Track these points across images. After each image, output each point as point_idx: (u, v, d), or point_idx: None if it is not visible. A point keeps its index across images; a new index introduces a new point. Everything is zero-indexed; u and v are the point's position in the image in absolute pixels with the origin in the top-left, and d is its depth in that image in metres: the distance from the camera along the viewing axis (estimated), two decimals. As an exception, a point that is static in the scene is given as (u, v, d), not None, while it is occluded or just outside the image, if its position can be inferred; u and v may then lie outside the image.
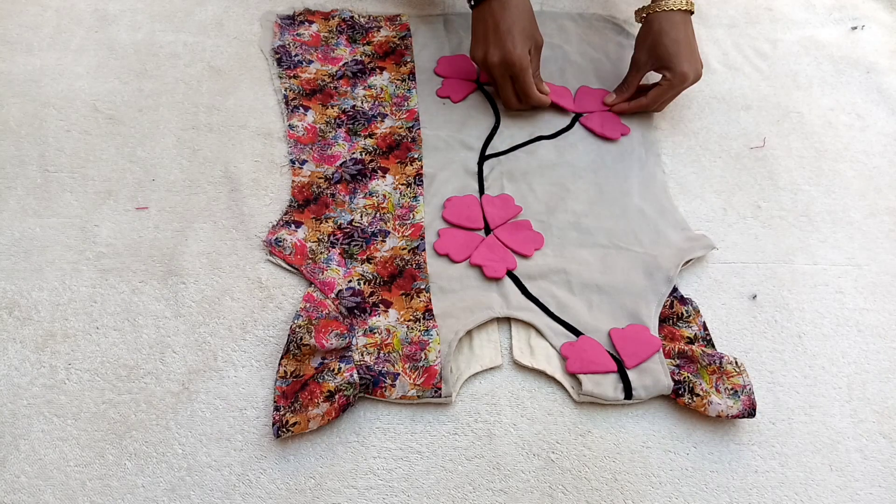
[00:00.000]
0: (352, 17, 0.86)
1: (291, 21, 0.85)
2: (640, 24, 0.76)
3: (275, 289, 0.63)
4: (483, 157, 0.74)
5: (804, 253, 0.69)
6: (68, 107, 0.75)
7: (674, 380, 0.57)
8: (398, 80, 0.80)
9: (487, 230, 0.67)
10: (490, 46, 0.71)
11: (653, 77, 0.78)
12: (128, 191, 0.69)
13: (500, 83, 0.73)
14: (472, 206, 0.69)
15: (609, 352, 0.59)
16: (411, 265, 0.64)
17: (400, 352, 0.58)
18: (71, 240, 0.65)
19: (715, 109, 0.81)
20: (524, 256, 0.65)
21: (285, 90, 0.77)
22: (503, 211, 0.69)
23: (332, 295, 0.61)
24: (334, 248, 0.65)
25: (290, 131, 0.74)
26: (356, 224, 0.67)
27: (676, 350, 0.59)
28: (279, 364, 0.56)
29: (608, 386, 0.57)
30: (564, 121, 0.78)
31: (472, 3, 0.74)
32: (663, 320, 0.62)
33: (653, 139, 0.77)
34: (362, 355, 0.58)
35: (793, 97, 0.83)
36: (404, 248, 0.65)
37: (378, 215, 0.67)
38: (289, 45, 0.82)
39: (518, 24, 0.71)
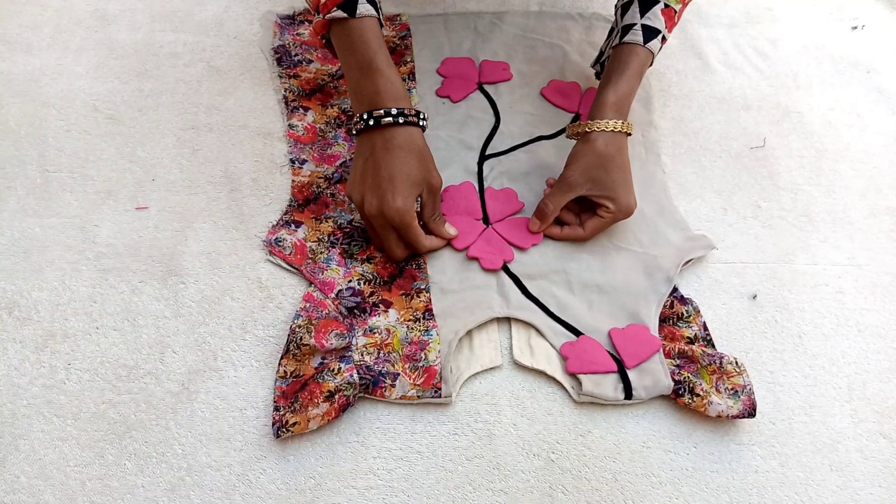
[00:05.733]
0: (352, 17, 0.86)
1: (291, 21, 0.85)
2: (575, 141, 0.66)
3: (275, 289, 0.63)
4: (483, 157, 0.74)
5: (804, 253, 0.69)
6: (68, 107, 0.75)
7: (674, 380, 0.57)
8: (398, 79, 0.80)
9: (486, 221, 0.67)
10: (367, 192, 0.60)
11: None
12: (128, 191, 0.69)
13: (381, 234, 0.61)
14: (469, 196, 0.69)
15: (609, 352, 0.59)
16: (411, 265, 0.64)
17: (400, 352, 0.58)
18: (71, 240, 0.65)
19: (715, 109, 0.81)
20: (521, 249, 0.65)
21: (285, 90, 0.77)
22: (505, 206, 0.69)
23: (332, 295, 0.61)
24: (334, 247, 0.65)
25: (290, 131, 0.74)
26: (356, 224, 0.67)
27: (677, 350, 0.59)
28: (279, 364, 0.56)
29: (608, 386, 0.57)
30: (565, 120, 0.78)
31: (354, 130, 0.62)
32: (663, 320, 0.62)
33: (653, 139, 0.77)
34: (362, 355, 0.58)
35: (793, 97, 0.83)
36: (404, 248, 0.65)
37: (378, 215, 0.67)
38: (289, 44, 0.82)
39: (403, 169, 0.59)
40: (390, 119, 0.60)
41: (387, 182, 0.59)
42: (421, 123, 0.62)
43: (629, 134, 0.65)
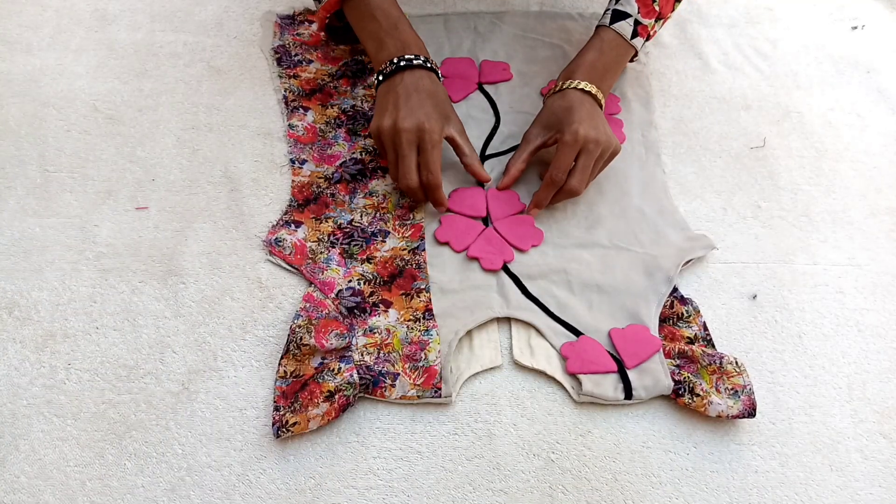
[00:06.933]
0: (352, 17, 0.86)
1: (291, 21, 0.85)
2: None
3: (275, 289, 0.63)
4: (483, 157, 0.74)
5: (804, 253, 0.69)
6: (68, 107, 0.75)
7: (674, 380, 0.57)
8: (398, 79, 0.80)
9: (487, 221, 0.67)
10: (400, 112, 0.63)
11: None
12: (128, 191, 0.69)
13: (404, 152, 0.63)
14: (476, 196, 0.69)
15: (609, 352, 0.59)
16: (411, 265, 0.64)
17: (400, 352, 0.58)
18: (71, 240, 0.65)
19: (715, 109, 0.81)
20: (520, 250, 0.65)
21: (285, 90, 0.77)
22: (507, 206, 0.69)
23: (332, 295, 0.61)
24: (334, 247, 0.65)
25: (290, 131, 0.74)
26: (356, 224, 0.67)
27: (677, 350, 0.59)
28: (279, 364, 0.56)
29: (608, 386, 0.57)
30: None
31: (380, 77, 0.67)
32: (663, 320, 0.62)
33: (653, 139, 0.77)
34: (362, 355, 0.58)
35: (793, 97, 0.83)
36: (404, 249, 0.65)
37: (378, 215, 0.67)
38: (288, 44, 0.82)
39: (432, 99, 0.65)
40: (420, 62, 0.66)
41: (418, 105, 0.64)
42: (440, 76, 0.68)
43: (587, 91, 0.68)
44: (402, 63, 0.65)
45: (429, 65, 0.66)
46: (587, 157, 0.65)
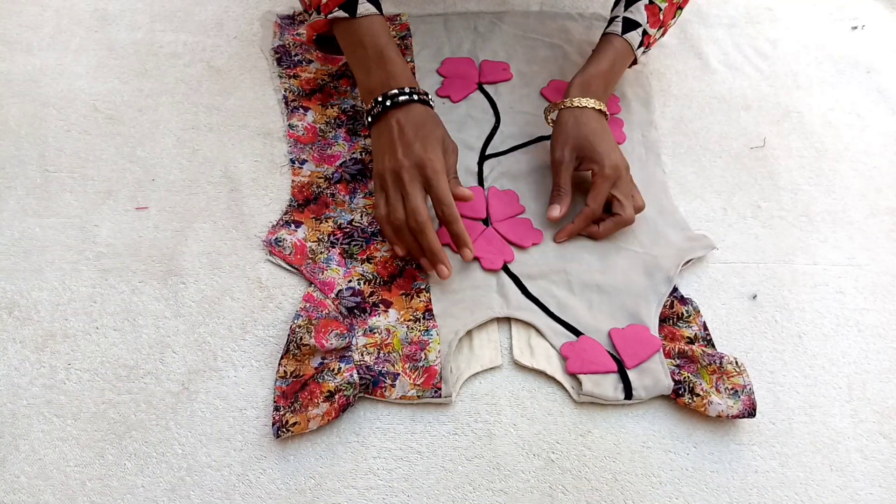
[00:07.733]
0: (352, 17, 0.86)
1: (291, 21, 0.85)
2: (552, 125, 0.70)
3: (275, 289, 0.63)
4: (483, 157, 0.74)
5: (804, 253, 0.69)
6: (68, 107, 0.75)
7: (674, 380, 0.57)
8: (398, 79, 0.80)
9: (487, 222, 0.67)
10: (398, 151, 0.62)
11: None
12: (128, 191, 0.69)
13: (407, 190, 0.60)
14: (476, 196, 0.69)
15: (609, 352, 0.59)
16: (411, 265, 0.64)
17: (400, 352, 0.58)
18: (71, 240, 0.65)
19: (715, 109, 0.81)
20: (521, 248, 0.65)
21: (285, 90, 0.77)
22: (508, 207, 0.69)
23: (332, 295, 0.61)
24: (334, 247, 0.65)
25: (290, 131, 0.74)
26: (356, 224, 0.67)
27: (677, 350, 0.59)
28: (279, 364, 0.56)
29: (608, 386, 0.57)
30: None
31: (369, 119, 0.65)
32: (663, 320, 0.62)
33: (653, 139, 0.77)
34: (362, 355, 0.58)
35: (793, 97, 0.83)
36: (404, 248, 0.65)
37: (378, 215, 0.67)
38: (288, 44, 0.82)
39: (426, 127, 0.63)
40: (406, 97, 0.64)
41: (414, 138, 0.62)
42: (431, 104, 0.66)
43: (601, 111, 0.68)
44: (387, 102, 0.63)
45: (416, 96, 0.64)
46: (623, 185, 0.66)
